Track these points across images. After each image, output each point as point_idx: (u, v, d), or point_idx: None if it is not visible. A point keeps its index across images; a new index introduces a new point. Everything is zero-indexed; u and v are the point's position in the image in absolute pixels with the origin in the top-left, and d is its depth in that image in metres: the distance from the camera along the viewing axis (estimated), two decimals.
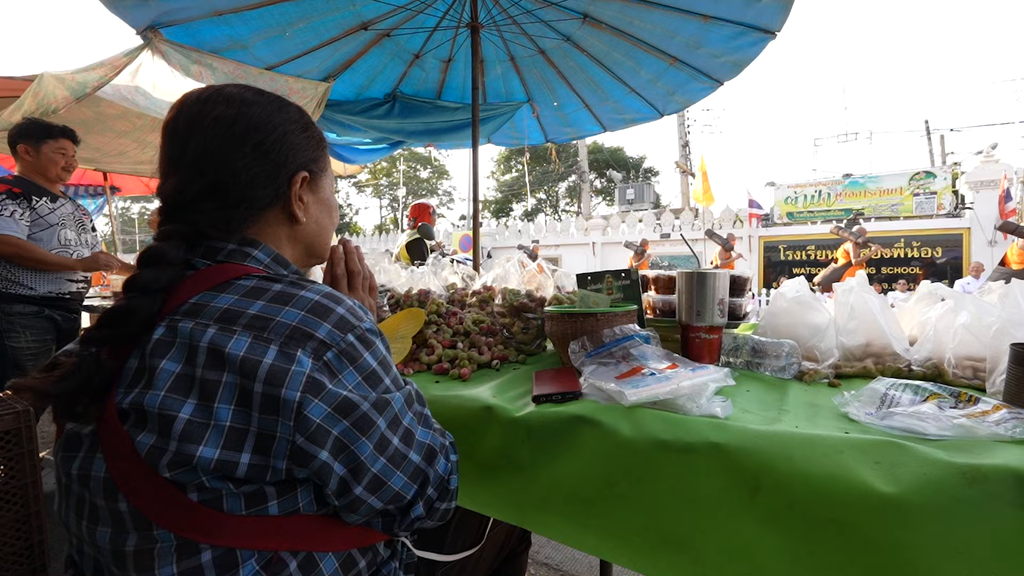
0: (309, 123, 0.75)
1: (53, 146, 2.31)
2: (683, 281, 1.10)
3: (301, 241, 0.75)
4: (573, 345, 1.06)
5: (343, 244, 0.90)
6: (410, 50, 3.07)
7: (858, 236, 7.96)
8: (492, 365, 1.24)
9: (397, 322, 1.37)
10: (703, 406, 0.81)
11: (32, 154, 2.28)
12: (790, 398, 0.90)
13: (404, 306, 1.77)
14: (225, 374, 0.53)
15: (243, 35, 2.45)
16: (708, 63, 2.85)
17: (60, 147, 2.32)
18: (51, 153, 2.30)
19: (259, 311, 0.57)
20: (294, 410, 0.53)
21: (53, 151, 2.31)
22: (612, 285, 1.30)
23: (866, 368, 1.05)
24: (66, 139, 2.34)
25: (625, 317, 1.11)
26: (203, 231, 0.64)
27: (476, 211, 2.92)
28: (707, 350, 1.08)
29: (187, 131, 0.64)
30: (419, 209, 4.30)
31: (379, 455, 0.59)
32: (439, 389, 1.05)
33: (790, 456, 0.66)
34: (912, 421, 0.70)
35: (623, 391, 0.82)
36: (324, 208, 0.77)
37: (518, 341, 1.40)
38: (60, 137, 2.32)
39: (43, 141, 2.29)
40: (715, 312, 1.07)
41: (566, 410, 0.85)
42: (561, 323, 1.12)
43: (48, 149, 2.30)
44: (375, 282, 0.93)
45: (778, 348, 1.05)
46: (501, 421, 0.89)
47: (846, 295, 1.10)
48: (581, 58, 3.11)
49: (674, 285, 1.50)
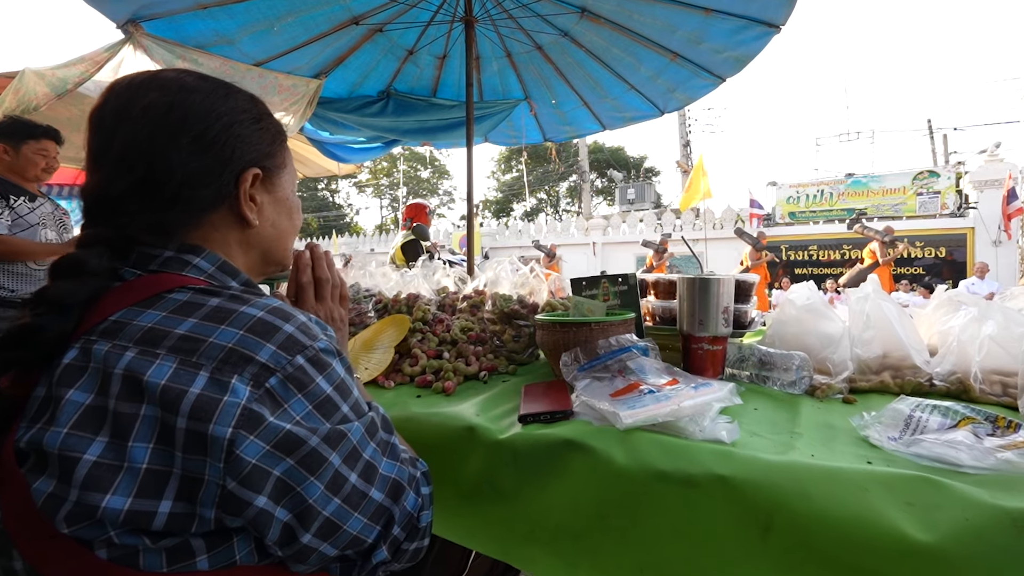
0: (263, 114, 0.67)
1: (35, 147, 2.23)
2: (684, 288, 1.02)
3: (255, 247, 0.66)
4: (565, 357, 0.97)
5: (310, 249, 0.82)
6: (403, 46, 2.98)
7: (885, 235, 7.69)
8: (480, 377, 1.15)
9: (379, 330, 1.29)
10: (706, 429, 0.73)
11: (11, 154, 2.20)
12: (802, 418, 0.82)
13: (392, 311, 1.69)
14: (143, 406, 0.45)
15: (229, 30, 2.37)
16: (710, 59, 2.76)
17: (42, 148, 2.24)
18: (31, 154, 2.23)
19: (189, 330, 0.49)
20: (224, 449, 0.45)
21: (34, 152, 2.23)
22: (609, 291, 1.22)
23: (883, 382, 0.97)
24: (49, 140, 2.27)
25: (622, 326, 1.03)
26: (133, 236, 0.56)
27: (471, 211, 2.84)
28: (710, 362, 1.00)
29: (114, 120, 0.56)
30: (415, 209, 4.22)
31: (332, 496, 0.51)
32: (420, 405, 0.97)
33: (807, 492, 0.57)
34: (944, 450, 0.62)
35: (618, 412, 0.74)
36: (283, 209, 0.69)
37: (509, 350, 1.31)
38: (43, 138, 2.24)
39: (24, 141, 2.21)
40: (719, 322, 0.99)
41: (555, 432, 0.76)
42: (552, 333, 1.04)
43: (29, 150, 2.22)
44: (346, 290, 0.85)
45: (788, 361, 0.97)
46: (484, 443, 0.81)
47: (861, 302, 1.01)
48: (579, 54, 3.02)
49: (675, 290, 1.42)
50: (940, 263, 11.54)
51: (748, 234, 9.10)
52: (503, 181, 34.97)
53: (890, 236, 7.75)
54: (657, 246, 10.18)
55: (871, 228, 8.16)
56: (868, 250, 8.03)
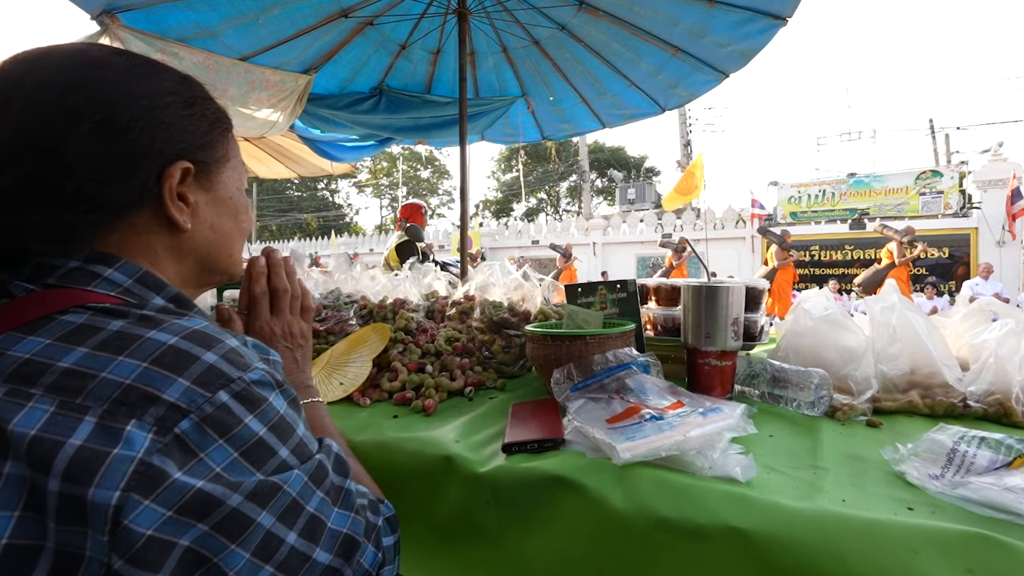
0: (197, 97, 0.57)
1: None
2: (689, 297, 0.92)
3: (190, 254, 0.57)
4: (557, 374, 0.88)
5: (266, 255, 0.72)
6: (396, 40, 2.88)
7: (904, 235, 7.45)
8: (465, 393, 1.06)
9: (357, 341, 1.19)
10: (717, 463, 0.63)
11: None
12: (825, 447, 0.72)
13: (377, 317, 1.59)
14: (7, 463, 0.35)
15: (211, 22, 2.27)
16: (713, 53, 2.66)
17: None
18: None
19: (76, 363, 0.39)
20: (108, 518, 0.35)
21: None
22: (606, 298, 1.12)
23: (911, 403, 0.87)
24: None
25: (620, 339, 0.93)
26: (26, 243, 0.46)
27: (464, 211, 2.74)
28: (718, 379, 0.90)
29: (2, 103, 0.46)
30: (410, 209, 4.11)
31: (262, 564, 0.41)
32: (395, 428, 0.87)
33: (840, 553, 0.47)
34: (1003, 496, 0.52)
35: (615, 445, 0.64)
36: (225, 210, 0.59)
37: (498, 362, 1.22)
38: None
39: None
40: (728, 335, 0.89)
41: (543, 466, 0.67)
42: (543, 346, 0.94)
43: None
44: (309, 301, 0.75)
45: (805, 378, 0.87)
46: (463, 476, 0.71)
47: (886, 312, 0.92)
48: (577, 49, 2.92)
49: (678, 296, 1.32)
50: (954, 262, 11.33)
51: (773, 232, 8.69)
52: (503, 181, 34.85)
53: (910, 236, 7.47)
54: (676, 246, 9.77)
55: (891, 228, 7.87)
56: (886, 250, 7.76)
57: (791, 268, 8.39)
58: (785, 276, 8.24)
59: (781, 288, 8.13)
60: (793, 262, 8.36)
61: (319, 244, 22.48)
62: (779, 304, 7.98)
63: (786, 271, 8.27)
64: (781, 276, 8.19)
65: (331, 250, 19.71)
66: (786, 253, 8.33)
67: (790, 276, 8.37)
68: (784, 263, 8.26)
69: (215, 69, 2.49)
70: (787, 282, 8.29)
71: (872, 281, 7.53)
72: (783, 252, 8.33)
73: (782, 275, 8.20)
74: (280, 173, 5.35)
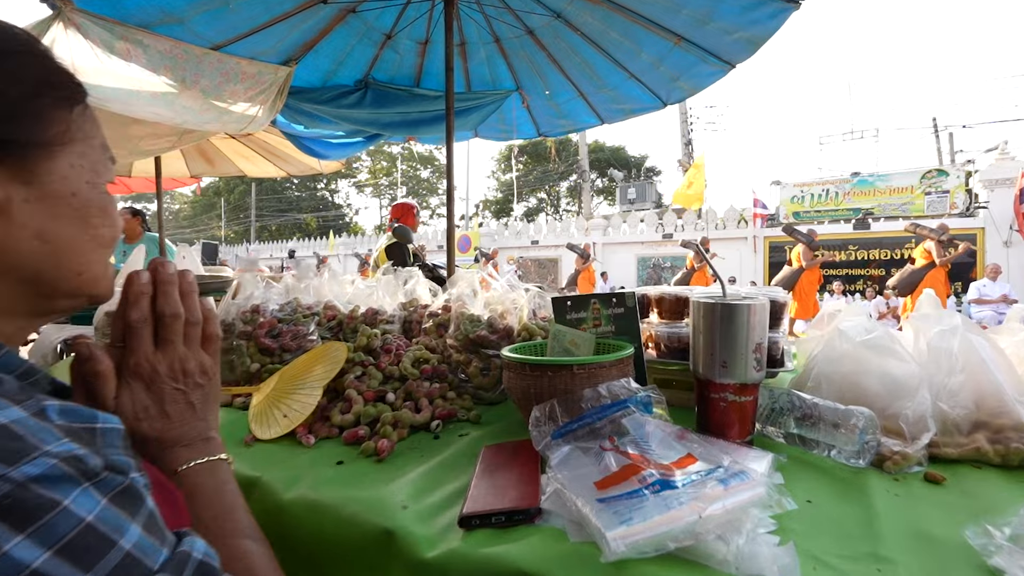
0: (11, 51, 0.40)
1: None
2: (700, 316, 0.75)
3: (9, 272, 0.40)
4: (537, 413, 0.70)
5: (152, 270, 0.54)
6: (380, 29, 2.71)
7: (941, 234, 6.89)
8: (431, 428, 0.88)
9: (309, 363, 1.02)
10: (744, 555, 0.46)
11: None
12: (881, 517, 0.55)
13: (347, 330, 1.42)
14: None
15: (177, 7, 2.10)
16: (719, 41, 2.48)
17: None
18: None
19: None
20: None
21: None
22: (600, 314, 0.95)
23: (979, 449, 0.70)
24: None
25: (616, 368, 0.76)
26: None
27: (450, 210, 2.57)
28: (736, 418, 0.73)
29: None
30: (401, 209, 3.94)
31: None
32: (336, 481, 0.70)
33: None
34: None
35: (605, 533, 0.46)
36: (65, 210, 0.42)
37: (475, 387, 1.05)
38: None
39: None
40: (750, 364, 0.71)
41: (507, 555, 0.50)
42: (522, 376, 0.77)
43: None
44: (214, 328, 0.57)
45: (845, 419, 0.70)
46: (405, 561, 0.54)
47: (945, 336, 0.74)
48: (574, 38, 2.75)
49: (684, 308, 1.14)
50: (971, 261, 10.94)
51: (800, 231, 8.16)
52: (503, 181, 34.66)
53: (947, 235, 6.91)
54: (695, 244, 9.17)
55: (924, 227, 7.31)
56: (922, 250, 7.18)
57: (817, 270, 7.98)
58: (811, 278, 7.90)
59: (805, 290, 7.82)
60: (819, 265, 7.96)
61: (318, 244, 22.32)
62: (800, 307, 7.74)
63: (812, 273, 7.87)
64: (807, 278, 7.86)
65: (329, 250, 19.53)
66: (814, 253, 7.91)
67: (816, 278, 8.00)
68: (812, 264, 7.85)
69: (184, 59, 2.32)
70: (812, 284, 7.92)
71: (908, 283, 6.99)
72: (810, 252, 7.88)
73: (807, 277, 7.87)
74: (269, 172, 5.19)
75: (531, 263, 16.47)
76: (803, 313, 7.70)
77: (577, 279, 11.44)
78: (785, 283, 8.01)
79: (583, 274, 11.27)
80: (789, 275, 8.04)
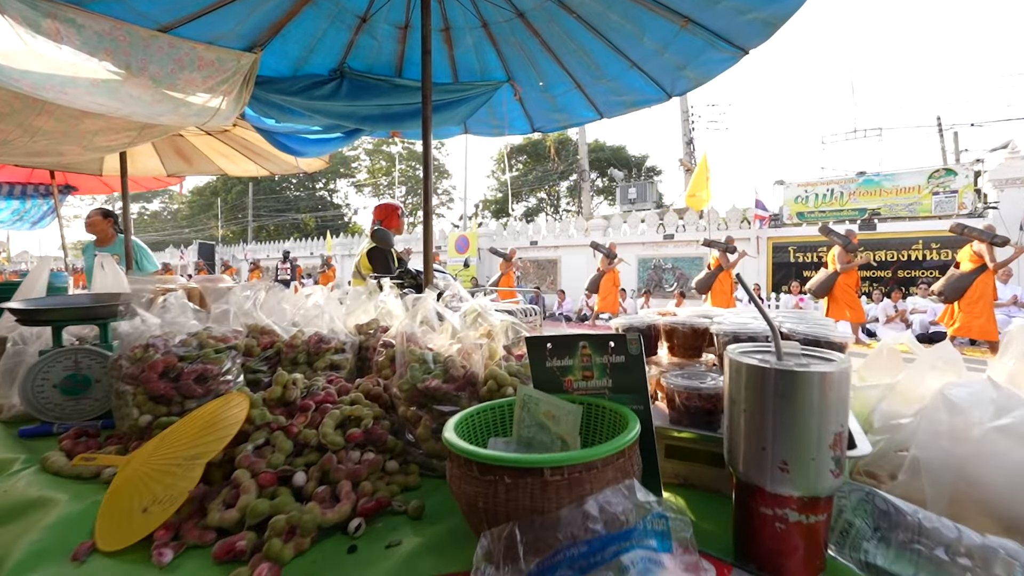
0: None
1: None
2: (741, 384, 0.48)
3: None
4: (485, 543, 0.44)
5: None
6: (354, 12, 2.44)
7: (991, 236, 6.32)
8: (349, 530, 0.62)
9: (200, 423, 0.75)
10: None
11: None
12: None
13: (285, 362, 1.16)
14: None
15: None
16: (730, 22, 2.21)
17: None
18: None
19: None
20: None
21: None
22: (592, 363, 0.68)
23: None
24: None
25: (612, 468, 0.49)
26: None
27: (428, 211, 2.29)
28: (800, 547, 0.47)
29: None
30: (384, 211, 3.66)
31: None
32: None
33: None
34: None
35: None
36: None
37: (425, 453, 0.78)
38: None
39: None
40: (824, 466, 0.45)
41: None
42: (468, 478, 0.50)
43: None
44: None
45: (985, 556, 0.44)
46: None
47: None
48: (569, 22, 2.48)
49: (704, 342, 0.88)
50: None
51: (836, 232, 7.76)
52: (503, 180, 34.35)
53: (1000, 237, 6.36)
54: (724, 245, 8.45)
55: (972, 228, 6.66)
56: (969, 253, 6.59)
57: (855, 272, 7.65)
58: (848, 281, 7.57)
59: (845, 293, 7.50)
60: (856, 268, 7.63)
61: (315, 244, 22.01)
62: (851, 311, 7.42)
63: (849, 276, 7.54)
64: (844, 281, 7.53)
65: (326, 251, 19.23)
66: (851, 256, 7.54)
67: (853, 281, 7.68)
68: (849, 267, 7.50)
69: (127, 41, 2.05)
70: (850, 287, 7.60)
71: (956, 288, 6.46)
72: (847, 255, 7.52)
73: (844, 280, 7.53)
74: (249, 171, 4.91)
75: (530, 264, 16.18)
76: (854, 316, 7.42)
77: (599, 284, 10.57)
78: (820, 288, 7.72)
79: (607, 276, 10.37)
80: (824, 279, 7.71)
